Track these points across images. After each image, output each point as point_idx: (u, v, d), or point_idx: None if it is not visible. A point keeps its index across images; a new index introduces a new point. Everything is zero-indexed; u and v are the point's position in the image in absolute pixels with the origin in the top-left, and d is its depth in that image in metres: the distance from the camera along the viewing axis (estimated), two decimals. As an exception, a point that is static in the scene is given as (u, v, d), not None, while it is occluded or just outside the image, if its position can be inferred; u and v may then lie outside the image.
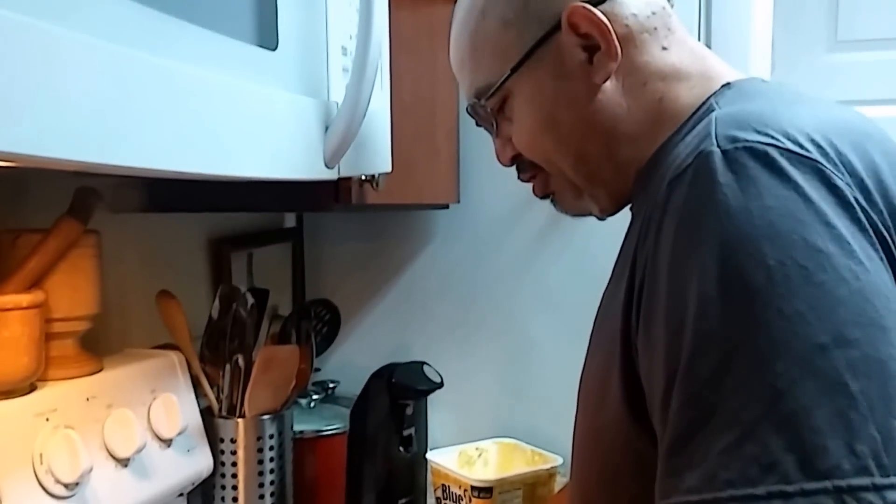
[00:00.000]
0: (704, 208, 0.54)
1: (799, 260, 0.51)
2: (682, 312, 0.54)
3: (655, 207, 0.58)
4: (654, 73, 0.71)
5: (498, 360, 1.46)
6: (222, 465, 1.08)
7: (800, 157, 0.54)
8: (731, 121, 0.58)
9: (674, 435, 0.54)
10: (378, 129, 0.90)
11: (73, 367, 0.88)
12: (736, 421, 0.50)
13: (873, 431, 0.48)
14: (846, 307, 0.50)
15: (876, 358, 0.50)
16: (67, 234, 0.85)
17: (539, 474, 1.23)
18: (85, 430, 0.83)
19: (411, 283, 1.52)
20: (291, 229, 1.56)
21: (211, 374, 1.09)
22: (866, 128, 0.61)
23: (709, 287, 0.52)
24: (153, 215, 1.12)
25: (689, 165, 0.56)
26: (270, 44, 0.71)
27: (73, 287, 0.87)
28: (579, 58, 0.70)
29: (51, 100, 0.47)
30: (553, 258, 1.41)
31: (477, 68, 0.76)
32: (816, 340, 0.49)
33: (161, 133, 0.57)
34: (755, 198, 0.52)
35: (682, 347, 0.53)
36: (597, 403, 0.67)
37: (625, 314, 0.62)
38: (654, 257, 0.57)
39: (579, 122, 0.71)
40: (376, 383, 1.21)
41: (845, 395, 0.49)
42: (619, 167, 0.73)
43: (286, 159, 0.74)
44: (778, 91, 0.68)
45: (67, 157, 0.48)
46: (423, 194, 1.27)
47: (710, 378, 0.52)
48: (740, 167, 0.54)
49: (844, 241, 0.52)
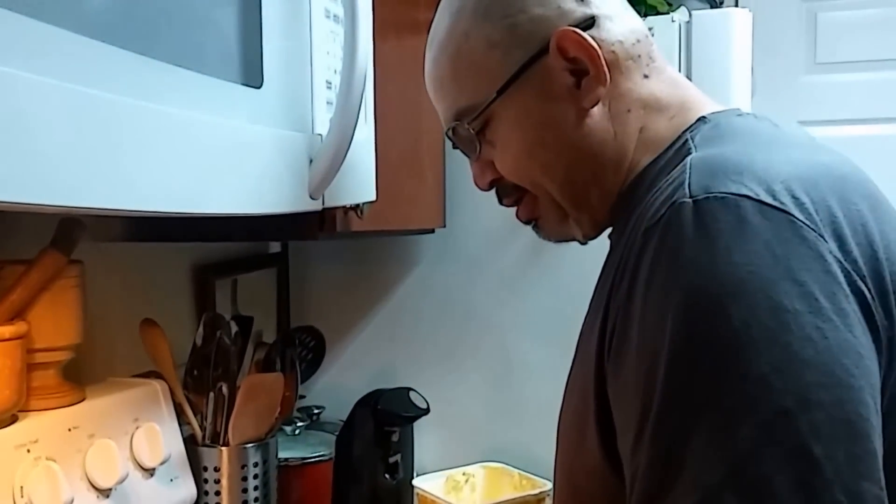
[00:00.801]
0: (673, 264, 0.54)
1: (764, 320, 0.51)
2: (652, 368, 0.54)
3: (630, 253, 0.58)
4: (636, 101, 0.71)
5: (485, 383, 1.45)
6: (206, 494, 1.07)
7: (772, 208, 0.53)
8: (705, 168, 0.58)
9: (642, 493, 0.54)
10: (362, 160, 0.91)
11: (55, 397, 0.87)
12: (699, 485, 0.50)
13: (839, 496, 0.48)
14: (812, 368, 0.50)
15: (842, 419, 0.50)
16: (50, 266, 0.85)
17: (527, 500, 1.23)
18: (66, 461, 0.82)
19: (397, 307, 1.52)
20: (276, 255, 1.56)
21: (195, 402, 1.09)
22: (844, 170, 0.61)
23: (677, 346, 0.52)
24: (136, 244, 1.11)
25: (661, 216, 0.56)
26: (255, 82, 0.72)
27: (56, 318, 0.87)
28: (567, 82, 0.69)
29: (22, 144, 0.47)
30: (539, 282, 1.41)
31: (459, 90, 0.74)
32: (780, 404, 0.49)
33: (146, 175, 0.57)
34: (723, 253, 0.52)
35: (651, 403, 0.54)
36: (575, 446, 0.68)
37: (598, 360, 0.62)
38: (627, 308, 0.58)
39: (567, 147, 0.71)
40: (362, 410, 1.21)
41: (808, 460, 0.49)
42: (604, 192, 0.73)
43: (271, 193, 0.74)
44: (754, 130, 0.68)
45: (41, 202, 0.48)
46: (408, 220, 1.28)
47: (676, 439, 0.52)
48: (710, 220, 0.54)
49: (813, 297, 0.51)
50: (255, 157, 0.71)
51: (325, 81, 0.83)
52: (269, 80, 0.73)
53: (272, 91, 0.74)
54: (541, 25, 0.70)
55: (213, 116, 0.65)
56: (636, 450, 0.55)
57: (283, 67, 0.76)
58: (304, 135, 0.79)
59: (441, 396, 1.35)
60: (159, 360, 1.05)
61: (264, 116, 0.73)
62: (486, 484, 1.34)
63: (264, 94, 0.73)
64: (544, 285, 1.41)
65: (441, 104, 0.78)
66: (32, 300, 0.84)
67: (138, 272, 1.18)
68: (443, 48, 0.75)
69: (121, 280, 1.14)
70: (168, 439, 0.97)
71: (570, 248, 0.87)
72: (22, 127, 0.46)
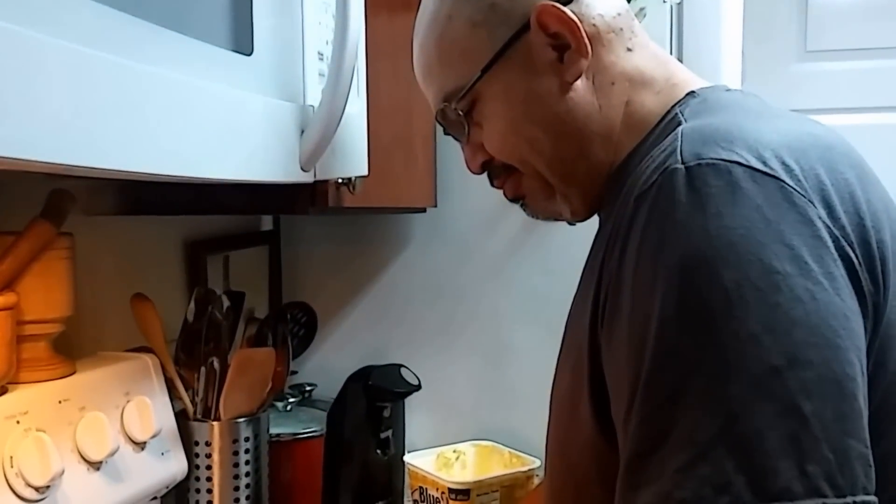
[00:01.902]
0: (665, 228, 0.55)
1: (755, 281, 0.51)
2: (643, 331, 0.54)
3: (621, 223, 0.59)
4: (621, 74, 0.71)
5: (475, 362, 1.46)
6: (197, 468, 1.07)
7: (763, 174, 0.54)
8: (696, 136, 0.58)
9: (633, 451, 0.55)
10: (354, 134, 0.91)
11: (45, 369, 0.87)
12: (690, 441, 0.51)
13: (827, 452, 0.49)
14: (801, 328, 0.51)
15: (831, 378, 0.51)
16: (40, 236, 0.84)
17: (517, 476, 1.24)
18: (56, 432, 0.82)
19: (389, 286, 1.52)
20: (268, 232, 1.56)
21: (186, 377, 1.09)
22: (830, 140, 0.62)
23: (668, 308, 0.53)
24: (128, 218, 1.11)
25: (653, 183, 0.57)
26: (246, 49, 0.72)
27: (46, 289, 0.86)
28: (549, 57, 0.70)
29: (26, 102, 0.47)
30: (530, 262, 1.42)
31: (446, 72, 0.75)
32: (770, 363, 0.50)
33: (136, 136, 0.57)
34: (715, 217, 0.53)
35: (643, 366, 0.54)
36: (567, 417, 0.68)
37: (591, 330, 0.62)
38: (619, 275, 0.58)
39: (553, 121, 0.71)
40: (353, 386, 1.21)
41: (798, 417, 0.49)
42: (593, 167, 0.73)
43: (261, 162, 0.74)
44: (742, 103, 0.69)
45: (41, 159, 0.48)
46: (400, 198, 1.28)
47: (668, 397, 0.53)
48: (702, 185, 0.54)
49: (802, 260, 0.52)
50: (246, 124, 0.71)
51: (316, 52, 0.82)
52: (260, 47, 0.73)
53: (263, 59, 0.73)
54: (521, 2, 0.70)
55: (203, 81, 0.65)
56: (629, 412, 0.55)
57: (274, 35, 0.75)
58: (296, 105, 0.79)
59: (432, 375, 1.35)
60: (150, 334, 1.04)
61: (254, 84, 0.72)
62: (476, 461, 1.35)
63: (254, 61, 0.72)
64: (535, 266, 1.41)
65: (429, 89, 0.78)
66: (22, 271, 0.84)
67: (129, 247, 1.17)
68: (428, 32, 0.76)
69: (112, 254, 1.14)
70: (159, 413, 0.97)
71: (561, 228, 0.87)
72: (25, 84, 0.47)
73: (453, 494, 1.18)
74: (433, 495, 1.21)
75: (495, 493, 1.21)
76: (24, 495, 0.77)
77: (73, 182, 0.91)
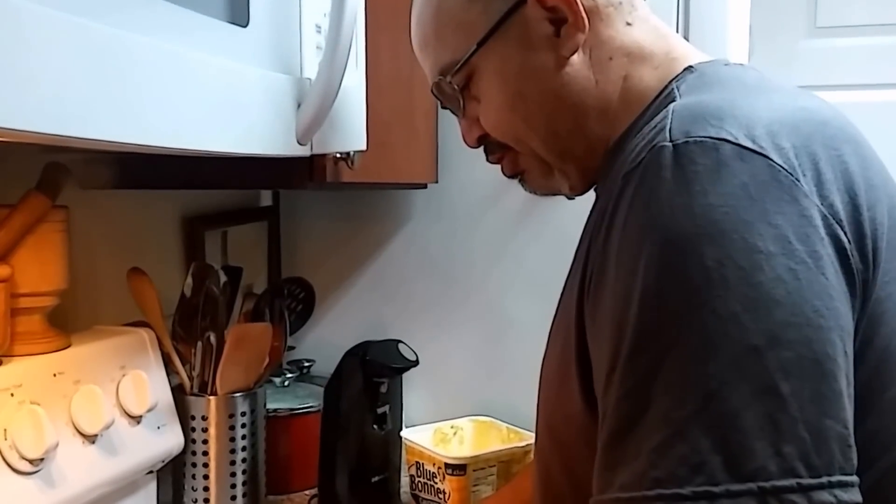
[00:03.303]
0: (650, 205, 0.54)
1: (737, 260, 0.51)
2: (624, 307, 0.54)
3: (610, 200, 0.59)
4: (619, 49, 0.70)
5: (474, 338, 1.46)
6: (193, 442, 1.08)
7: (751, 152, 0.54)
8: (687, 114, 0.58)
9: (611, 428, 0.55)
10: (352, 107, 0.90)
11: (39, 342, 0.87)
12: (667, 420, 0.51)
13: (802, 433, 0.49)
14: (782, 307, 0.50)
15: (810, 358, 0.50)
16: (35, 209, 0.84)
17: (514, 452, 1.24)
18: (51, 405, 0.82)
19: (388, 262, 1.52)
20: (267, 208, 1.55)
21: (183, 352, 1.09)
22: (826, 115, 0.61)
23: (650, 285, 0.53)
24: (125, 192, 1.10)
25: (641, 160, 0.56)
26: (242, 20, 0.71)
27: (41, 262, 0.86)
28: (546, 31, 0.69)
29: (18, 72, 0.46)
30: (530, 238, 1.41)
31: (442, 46, 0.74)
32: (749, 342, 0.50)
33: (130, 107, 0.56)
34: (699, 195, 0.52)
35: (623, 342, 0.54)
36: (556, 393, 0.68)
37: (578, 306, 0.62)
38: (604, 250, 0.58)
39: (548, 97, 0.70)
40: (350, 361, 1.20)
41: (775, 397, 0.49)
42: (590, 143, 0.72)
43: (258, 135, 0.73)
44: (740, 78, 0.68)
45: (31, 130, 0.48)
46: (400, 173, 1.27)
47: (646, 375, 0.52)
48: (688, 162, 0.54)
49: (786, 240, 0.52)
50: (242, 96, 0.70)
51: (314, 25, 0.81)
52: (256, 18, 0.72)
53: (259, 31, 0.73)
54: None
55: (199, 52, 0.64)
56: (608, 387, 0.55)
57: (271, 7, 0.75)
58: (292, 78, 0.78)
59: (430, 351, 1.35)
60: (147, 308, 1.04)
61: (250, 56, 0.72)
62: (473, 437, 1.35)
63: (251, 33, 0.71)
64: (536, 242, 1.41)
65: (426, 62, 0.77)
66: (16, 243, 0.83)
67: (126, 221, 1.17)
68: (425, 5, 0.75)
69: (108, 229, 1.13)
70: (155, 387, 0.97)
71: (562, 205, 0.86)
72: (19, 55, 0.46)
73: (450, 469, 1.18)
74: (430, 470, 1.21)
75: (492, 468, 1.21)
76: (19, 468, 0.78)
77: (70, 156, 0.90)
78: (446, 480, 1.19)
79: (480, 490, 1.19)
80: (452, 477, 1.18)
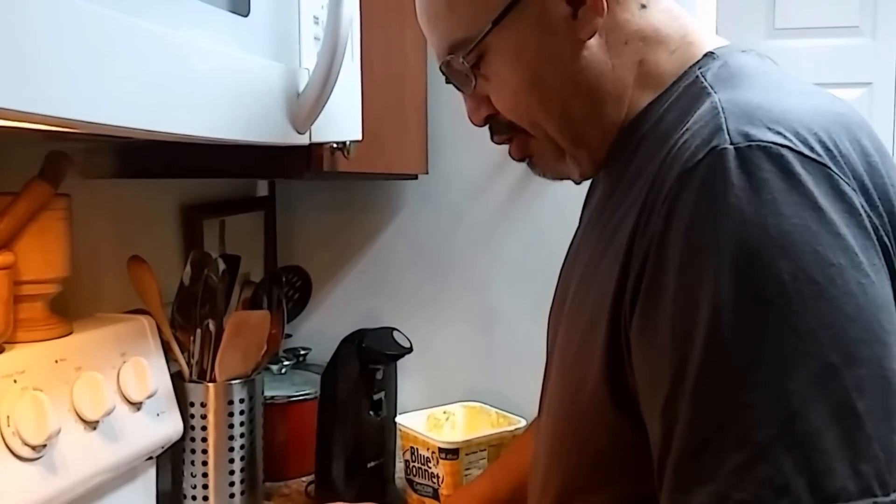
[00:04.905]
0: (718, 212, 0.52)
1: (812, 274, 0.50)
2: (693, 318, 0.52)
3: (660, 196, 0.57)
4: (635, 33, 0.68)
5: (465, 326, 1.48)
6: (192, 429, 1.09)
7: (811, 161, 0.53)
8: (740, 113, 0.56)
9: (683, 448, 0.53)
10: (348, 99, 0.91)
11: (42, 329, 0.88)
12: (748, 440, 0.50)
13: (878, 451, 0.49)
14: (855, 324, 0.50)
15: (880, 375, 0.50)
16: (37, 197, 0.85)
17: (503, 436, 1.26)
18: (53, 392, 0.83)
19: (381, 251, 1.53)
20: (264, 198, 1.56)
21: (182, 340, 1.10)
22: (857, 120, 0.60)
23: (723, 297, 0.51)
24: (125, 181, 1.11)
25: (700, 160, 0.54)
26: (242, 10, 0.72)
27: (43, 250, 0.87)
28: (563, 12, 0.66)
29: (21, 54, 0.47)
30: (520, 228, 1.43)
31: (455, 19, 0.70)
32: (828, 360, 0.49)
33: (131, 91, 0.57)
34: (770, 205, 0.51)
35: (691, 355, 0.52)
36: (577, 381, 0.66)
37: (615, 300, 0.60)
38: (660, 252, 0.56)
39: (565, 80, 0.68)
40: (347, 348, 1.22)
41: (853, 415, 0.49)
42: (604, 128, 0.70)
43: (257, 123, 0.75)
44: (765, 71, 0.67)
45: (34, 111, 0.48)
46: (392, 164, 1.28)
47: (722, 393, 0.51)
48: (755, 169, 0.52)
49: (853, 252, 0.51)
50: (242, 84, 0.71)
51: (312, 16, 0.82)
52: (257, 8, 0.73)
53: (259, 20, 0.74)
54: None
55: (200, 39, 0.65)
56: (673, 401, 0.53)
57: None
58: (291, 67, 0.79)
59: (424, 338, 1.37)
60: (147, 296, 1.05)
61: (251, 45, 0.73)
62: (465, 421, 1.37)
63: (251, 22, 0.72)
64: (525, 231, 1.43)
65: (434, 36, 0.74)
66: (19, 231, 0.84)
67: (127, 210, 1.18)
68: None
69: (109, 217, 1.14)
70: (155, 374, 0.98)
71: (551, 194, 0.87)
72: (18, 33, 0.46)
73: (443, 453, 1.20)
74: (424, 455, 1.23)
75: (483, 451, 1.23)
76: (21, 454, 0.78)
77: (71, 145, 0.91)
78: (440, 464, 1.21)
79: (472, 473, 1.21)
80: (446, 461, 1.20)
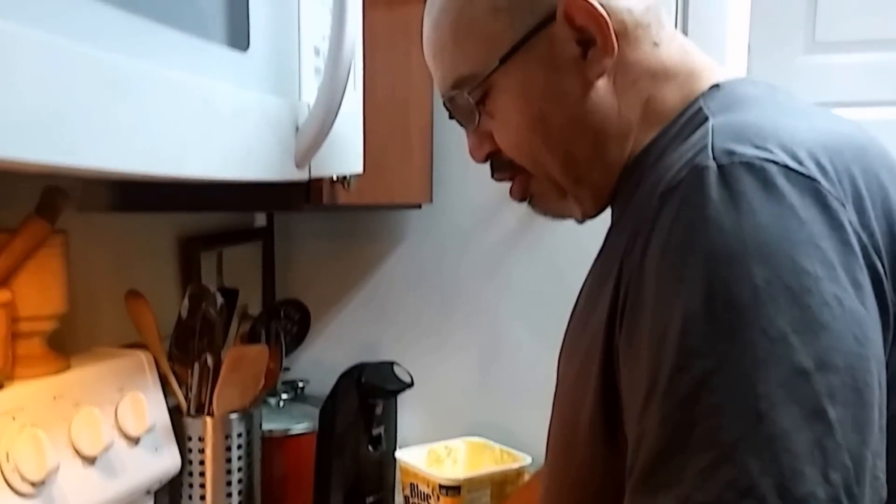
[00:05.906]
0: (695, 224, 0.53)
1: (786, 280, 0.50)
2: (666, 326, 0.52)
3: (645, 218, 0.57)
4: (645, 72, 0.68)
5: (468, 359, 1.47)
6: (190, 463, 1.08)
7: (797, 174, 0.53)
8: (729, 132, 0.56)
9: (650, 451, 0.53)
10: (350, 130, 0.91)
11: (40, 366, 0.87)
12: (714, 442, 0.49)
13: (847, 460, 0.48)
14: (828, 333, 0.50)
15: (852, 386, 0.50)
16: (35, 234, 0.84)
17: (507, 473, 1.24)
18: (52, 428, 0.82)
19: (382, 282, 1.52)
20: (262, 228, 1.55)
21: (179, 374, 1.09)
22: (864, 140, 0.60)
23: (694, 302, 0.51)
24: (122, 214, 1.11)
25: (682, 179, 0.55)
26: (241, 45, 0.71)
27: (41, 286, 0.87)
28: (573, 52, 0.66)
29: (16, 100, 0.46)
30: (525, 259, 1.42)
31: (460, 56, 0.70)
32: (800, 364, 0.49)
33: (129, 134, 0.57)
34: (748, 214, 0.51)
35: (662, 361, 0.52)
36: (572, 414, 0.66)
37: (608, 325, 0.60)
38: (641, 268, 0.56)
39: (571, 121, 0.68)
40: (346, 382, 1.21)
41: (824, 421, 0.48)
42: (606, 168, 0.70)
43: (256, 160, 0.74)
44: (772, 98, 0.66)
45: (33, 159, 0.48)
46: (394, 194, 1.28)
47: (690, 395, 0.51)
48: (735, 182, 0.52)
49: (832, 265, 0.51)
50: (241, 121, 0.70)
51: (313, 48, 0.82)
52: (256, 43, 0.73)
53: (258, 55, 0.73)
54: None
55: (198, 77, 0.65)
56: (646, 408, 0.53)
57: (270, 31, 0.75)
58: (291, 102, 0.79)
59: (425, 371, 1.36)
60: (145, 331, 1.05)
61: (250, 80, 0.72)
62: (467, 457, 1.35)
63: (250, 57, 0.72)
64: (530, 263, 1.42)
65: (439, 71, 0.74)
66: (16, 268, 0.84)
67: (123, 243, 1.17)
68: (445, 11, 0.71)
69: (106, 251, 1.13)
70: (153, 409, 0.97)
71: (558, 226, 0.86)
72: (9, 79, 0.46)
73: (444, 490, 1.18)
74: (424, 491, 1.22)
75: (486, 489, 1.21)
76: (21, 490, 0.78)
77: (67, 179, 0.91)
78: (441, 501, 1.19)
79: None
80: (447, 498, 1.19)
